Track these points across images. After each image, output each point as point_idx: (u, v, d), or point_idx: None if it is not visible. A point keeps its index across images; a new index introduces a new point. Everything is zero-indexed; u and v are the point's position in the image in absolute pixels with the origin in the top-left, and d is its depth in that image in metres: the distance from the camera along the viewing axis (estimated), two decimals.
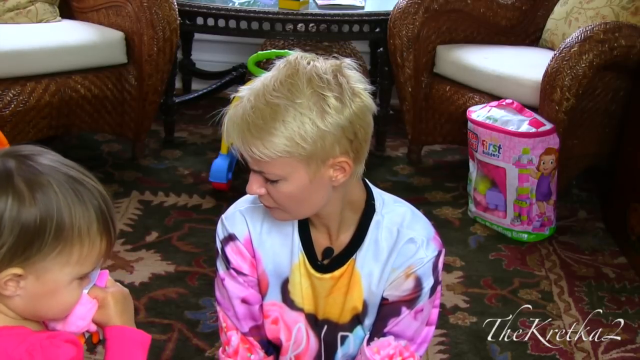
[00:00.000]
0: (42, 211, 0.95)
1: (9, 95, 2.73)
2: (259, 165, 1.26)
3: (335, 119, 1.24)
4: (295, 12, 3.10)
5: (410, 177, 3.17)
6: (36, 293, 0.99)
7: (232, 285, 1.46)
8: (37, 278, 0.98)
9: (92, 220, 1.00)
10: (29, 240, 0.95)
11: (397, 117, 3.32)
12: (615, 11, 2.92)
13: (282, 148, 1.23)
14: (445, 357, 2.09)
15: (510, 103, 2.68)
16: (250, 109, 1.23)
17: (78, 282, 1.03)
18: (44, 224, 0.95)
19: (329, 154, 1.25)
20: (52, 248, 0.97)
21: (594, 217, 2.89)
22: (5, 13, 3.00)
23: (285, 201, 1.30)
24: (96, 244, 1.00)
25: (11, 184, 0.95)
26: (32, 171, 0.97)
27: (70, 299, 1.03)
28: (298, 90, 1.23)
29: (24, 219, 0.94)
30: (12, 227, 0.94)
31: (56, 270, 0.98)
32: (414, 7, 3.02)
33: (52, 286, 1.00)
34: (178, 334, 2.11)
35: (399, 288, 1.39)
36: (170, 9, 2.91)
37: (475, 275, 2.48)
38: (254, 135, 1.23)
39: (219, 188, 2.90)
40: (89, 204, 1.00)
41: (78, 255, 0.99)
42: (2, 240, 0.94)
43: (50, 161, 1.00)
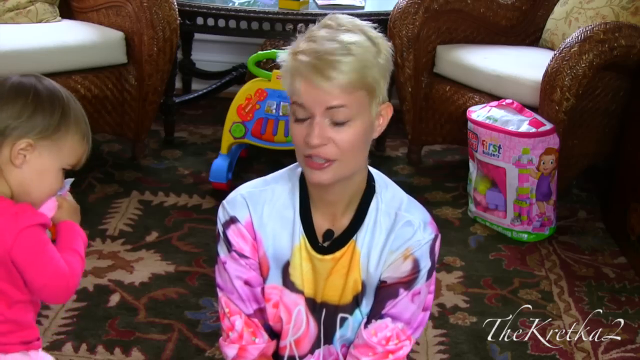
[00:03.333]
0: (50, 108, 1.31)
1: None
2: (336, 100, 1.29)
3: (386, 58, 1.35)
4: (295, 12, 3.10)
5: (410, 177, 3.17)
6: (34, 169, 1.31)
7: (234, 267, 1.47)
8: (39, 155, 1.30)
9: (81, 131, 1.36)
10: (39, 124, 1.29)
11: (397, 117, 3.30)
12: (615, 11, 2.92)
13: (356, 77, 1.29)
14: (445, 357, 2.09)
15: (510, 103, 2.68)
16: (323, 51, 1.29)
17: (61, 174, 1.35)
18: (50, 117, 1.30)
19: (383, 95, 1.35)
20: (54, 135, 1.31)
21: (594, 217, 2.89)
22: (5, 13, 3.00)
23: (348, 147, 1.33)
24: (80, 147, 1.36)
25: (33, 88, 1.32)
26: (50, 84, 1.36)
27: (53, 184, 1.34)
28: (353, 32, 1.33)
29: (38, 110, 1.30)
30: (30, 113, 1.29)
31: (53, 153, 1.32)
32: (414, 7, 3.02)
33: (47, 166, 1.32)
34: (178, 334, 2.12)
35: (397, 270, 1.42)
36: (170, 9, 2.91)
37: (475, 275, 2.48)
38: (332, 66, 1.28)
39: (219, 188, 2.91)
40: (82, 122, 1.37)
41: (69, 147, 1.34)
42: (20, 120, 1.29)
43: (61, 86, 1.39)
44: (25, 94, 1.31)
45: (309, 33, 1.36)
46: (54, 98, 1.33)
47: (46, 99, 1.33)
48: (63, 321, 2.16)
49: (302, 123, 1.33)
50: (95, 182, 2.97)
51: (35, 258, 1.29)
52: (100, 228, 2.65)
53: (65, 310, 2.21)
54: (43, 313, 2.18)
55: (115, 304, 2.24)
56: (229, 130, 2.87)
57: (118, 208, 2.78)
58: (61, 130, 1.32)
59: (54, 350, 2.04)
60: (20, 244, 1.27)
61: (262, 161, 3.18)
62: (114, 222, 2.68)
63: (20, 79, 1.35)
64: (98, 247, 2.53)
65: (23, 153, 1.29)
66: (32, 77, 1.36)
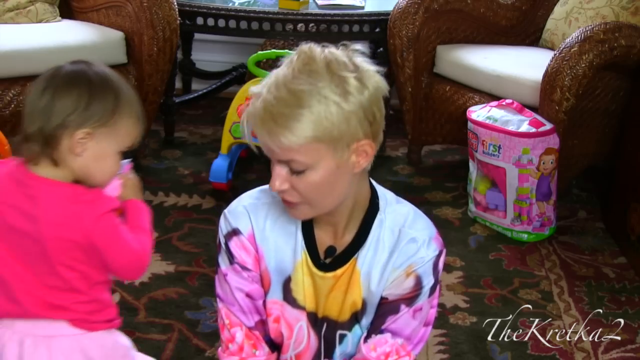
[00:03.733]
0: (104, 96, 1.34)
1: (9, 95, 2.73)
2: (287, 154, 1.25)
3: (358, 99, 1.26)
4: (295, 12, 3.10)
5: (410, 177, 3.17)
6: (94, 155, 1.34)
7: (236, 280, 1.45)
8: (98, 142, 1.34)
9: (135, 113, 1.39)
10: (94, 113, 1.32)
11: (397, 117, 3.32)
12: (615, 11, 2.92)
13: (310, 133, 1.23)
14: (445, 357, 2.09)
15: (510, 103, 2.68)
16: (273, 100, 1.24)
17: (119, 157, 1.39)
18: (105, 105, 1.33)
19: (354, 136, 1.27)
20: (109, 122, 1.34)
21: (594, 217, 2.89)
22: (5, 13, 3.00)
23: (311, 193, 1.29)
24: (135, 129, 1.40)
25: (85, 75, 1.34)
26: (100, 70, 1.37)
27: (112, 168, 1.39)
28: (318, 75, 1.24)
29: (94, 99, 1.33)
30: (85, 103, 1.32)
31: (110, 138, 1.35)
32: (414, 7, 3.02)
33: (105, 152, 1.36)
34: (178, 334, 2.11)
35: (399, 287, 1.40)
36: (170, 9, 2.91)
37: (475, 275, 2.48)
38: (280, 125, 1.23)
39: (219, 188, 2.91)
40: (135, 103, 1.40)
41: (125, 131, 1.37)
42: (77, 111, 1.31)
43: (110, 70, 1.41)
44: (79, 83, 1.34)
45: (275, 70, 1.29)
46: (106, 84, 1.36)
47: (99, 86, 1.35)
48: None
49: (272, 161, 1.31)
50: None
51: (112, 242, 1.36)
52: None
53: None
54: None
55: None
56: (229, 130, 2.87)
57: None
58: (116, 116, 1.35)
59: None
60: (99, 230, 1.34)
61: (262, 161, 3.18)
62: None
63: (72, 68, 1.37)
64: None
65: (82, 142, 1.33)
66: (82, 64, 1.38)
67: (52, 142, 1.32)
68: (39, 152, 1.34)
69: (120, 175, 1.46)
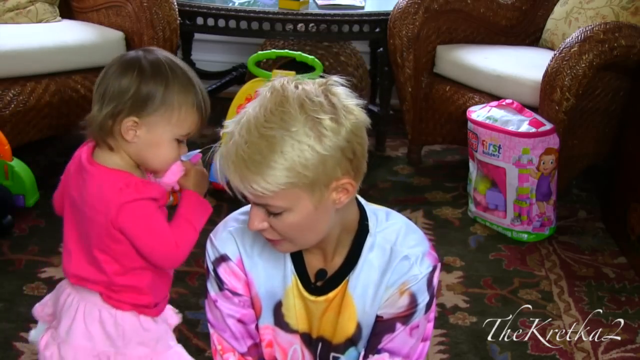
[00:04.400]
0: (153, 85, 1.36)
1: (9, 95, 2.73)
2: (261, 199, 1.21)
3: (333, 140, 1.19)
4: (295, 12, 3.10)
5: (410, 177, 3.17)
6: (147, 142, 1.38)
7: (227, 306, 1.42)
8: (148, 130, 1.38)
9: (189, 101, 1.39)
10: (142, 101, 1.36)
11: (397, 117, 3.32)
12: (615, 11, 2.92)
13: (284, 180, 1.18)
14: (445, 357, 2.09)
15: (510, 103, 2.68)
16: (245, 144, 1.18)
17: (176, 144, 1.41)
18: (154, 94, 1.36)
19: (332, 177, 1.21)
20: (159, 110, 1.37)
21: (594, 217, 2.89)
22: (5, 13, 3.00)
23: (290, 232, 1.25)
24: (189, 117, 1.39)
25: (137, 63, 1.37)
26: (154, 58, 1.39)
27: (168, 155, 1.41)
28: (291, 118, 1.18)
29: (142, 88, 1.36)
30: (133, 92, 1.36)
31: (161, 127, 1.38)
32: (414, 7, 3.02)
33: (158, 139, 1.39)
34: (178, 334, 2.11)
35: (393, 305, 1.36)
36: (170, 9, 2.91)
37: (475, 275, 2.48)
38: (252, 172, 1.18)
39: (219, 188, 2.89)
40: (190, 91, 1.39)
41: (177, 119, 1.38)
42: (126, 99, 1.35)
43: (169, 56, 1.42)
44: (130, 71, 1.37)
45: (249, 107, 1.22)
46: (156, 74, 1.37)
47: (149, 75, 1.37)
48: None
49: None
50: None
51: (139, 229, 1.39)
52: None
53: None
54: None
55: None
56: None
57: None
58: (166, 105, 1.37)
59: None
60: (124, 216, 1.37)
61: None
62: None
63: (128, 55, 1.41)
64: None
65: (132, 129, 1.37)
66: (140, 51, 1.41)
67: (105, 129, 1.38)
68: (95, 137, 1.41)
69: (185, 163, 1.47)
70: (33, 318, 1.56)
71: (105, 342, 1.48)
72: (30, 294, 2.28)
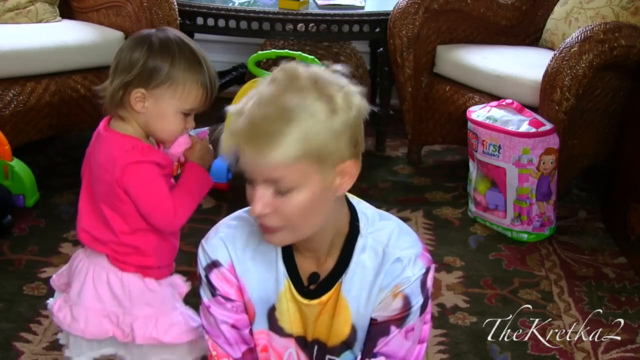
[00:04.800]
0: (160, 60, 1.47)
1: (9, 95, 2.73)
2: (275, 172, 1.20)
3: (344, 118, 1.21)
4: (295, 12, 3.10)
5: (410, 177, 3.17)
6: (154, 113, 1.49)
7: (219, 312, 1.42)
8: (155, 102, 1.48)
9: (194, 77, 1.49)
10: (149, 75, 1.47)
11: (397, 117, 3.32)
12: (615, 11, 2.92)
13: (300, 151, 1.18)
14: (445, 357, 2.09)
15: (510, 103, 2.68)
16: (260, 116, 1.18)
17: (181, 117, 1.51)
18: (160, 68, 1.47)
19: (340, 157, 1.22)
20: (165, 84, 1.47)
21: (594, 217, 2.89)
22: (5, 13, 3.00)
23: (294, 215, 1.24)
24: (193, 92, 1.49)
25: (148, 40, 1.49)
26: (164, 36, 1.51)
27: (174, 126, 1.52)
28: (306, 91, 1.19)
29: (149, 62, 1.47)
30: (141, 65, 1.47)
31: (166, 99, 1.48)
32: (414, 7, 3.02)
33: (164, 111, 1.49)
34: None
35: (387, 308, 1.35)
36: (170, 9, 2.91)
37: (475, 275, 2.48)
38: (268, 143, 1.17)
39: (219, 188, 2.90)
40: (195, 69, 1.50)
41: (181, 94, 1.48)
42: (134, 72, 1.47)
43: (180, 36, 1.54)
44: (140, 46, 1.49)
45: (259, 86, 1.24)
46: (164, 50, 1.48)
47: (157, 51, 1.48)
48: None
49: (250, 185, 1.24)
50: None
51: (140, 189, 1.50)
52: None
53: None
54: (43, 313, 2.18)
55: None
56: None
57: None
58: (171, 80, 1.47)
59: (54, 350, 2.04)
60: (127, 176, 1.48)
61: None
62: None
63: (141, 32, 1.54)
64: None
65: (140, 101, 1.48)
66: (153, 30, 1.54)
67: (116, 99, 1.49)
68: (108, 107, 1.52)
69: (192, 137, 1.58)
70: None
71: (113, 302, 1.57)
72: (30, 294, 2.28)
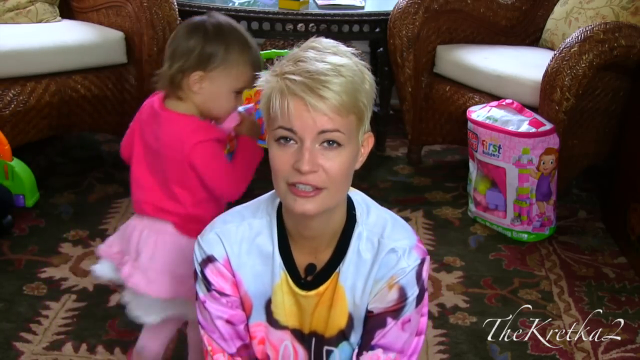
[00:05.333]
0: (216, 45, 1.62)
1: (9, 95, 2.73)
2: (327, 124, 1.23)
3: (371, 83, 1.29)
4: (295, 12, 3.10)
5: (410, 177, 3.17)
6: (209, 93, 1.64)
7: (214, 307, 1.42)
8: (211, 83, 1.63)
9: (245, 59, 1.64)
10: (207, 59, 1.62)
11: (397, 117, 3.32)
12: (615, 11, 2.93)
13: (351, 103, 1.24)
14: (445, 357, 2.09)
15: (510, 103, 2.68)
16: (314, 71, 1.23)
17: (234, 95, 1.66)
18: (216, 53, 1.62)
19: (367, 123, 1.30)
20: (220, 66, 1.62)
21: (594, 217, 2.89)
22: (5, 13, 3.00)
23: (337, 175, 1.27)
24: (245, 72, 1.64)
25: (202, 27, 1.64)
26: (216, 22, 1.66)
27: (227, 104, 1.66)
28: (346, 57, 1.27)
29: (206, 48, 1.62)
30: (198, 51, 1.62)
31: (221, 80, 1.63)
32: (414, 7, 3.02)
33: (219, 90, 1.64)
34: (178, 334, 2.11)
35: (383, 300, 1.36)
36: (170, 9, 2.91)
37: (475, 275, 2.48)
38: (326, 91, 1.22)
39: None
40: (246, 51, 1.64)
41: (234, 75, 1.63)
42: (192, 56, 1.62)
43: (229, 20, 1.68)
44: (196, 33, 1.64)
45: (294, 55, 1.28)
46: (219, 35, 1.63)
47: (212, 36, 1.63)
48: (63, 321, 2.16)
49: (288, 149, 1.25)
50: (95, 182, 2.97)
51: (207, 165, 1.65)
52: (100, 228, 2.65)
53: (65, 310, 2.21)
54: (43, 313, 2.18)
55: (115, 304, 2.24)
56: None
57: (118, 208, 2.78)
58: (227, 62, 1.62)
59: (54, 350, 2.05)
60: (195, 153, 1.63)
61: (262, 161, 3.18)
62: (114, 222, 2.68)
63: (194, 19, 1.68)
64: None
65: (198, 82, 1.63)
66: (205, 16, 1.69)
67: (175, 82, 1.64)
68: (166, 90, 1.67)
69: (241, 113, 1.74)
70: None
71: (181, 266, 1.68)
72: (30, 294, 2.28)
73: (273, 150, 1.27)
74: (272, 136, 1.27)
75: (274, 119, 1.25)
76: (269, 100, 1.26)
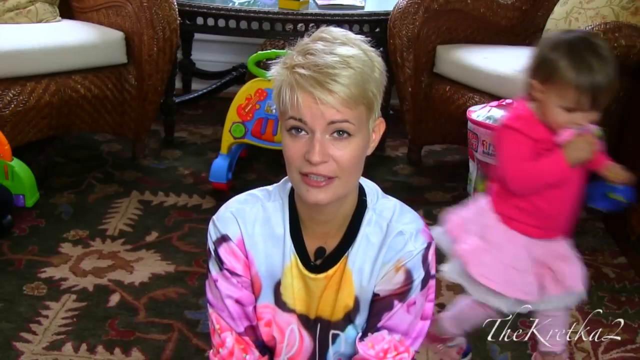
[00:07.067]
0: (557, 61, 1.64)
1: (9, 95, 2.73)
2: (336, 115, 1.25)
3: (381, 70, 1.31)
4: (295, 12, 3.10)
5: (410, 177, 3.17)
6: (542, 102, 1.69)
7: (225, 286, 1.44)
8: (543, 93, 1.68)
9: (573, 78, 1.62)
10: (540, 68, 1.68)
11: (397, 117, 3.32)
12: (615, 11, 2.92)
13: (360, 94, 1.26)
14: None
15: (510, 103, 2.68)
16: (323, 64, 1.25)
17: (560, 111, 1.66)
18: (554, 67, 1.65)
19: (378, 110, 1.31)
20: (549, 81, 1.66)
21: (594, 217, 2.89)
22: (5, 13, 3.00)
23: (348, 164, 1.29)
24: (569, 92, 1.64)
25: (566, 43, 1.68)
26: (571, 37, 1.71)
27: (553, 117, 1.68)
28: (355, 47, 1.28)
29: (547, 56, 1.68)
30: (541, 61, 1.69)
31: (550, 94, 1.66)
32: (414, 7, 3.02)
33: (546, 103, 1.68)
34: (178, 334, 2.12)
35: (389, 282, 1.39)
36: (170, 9, 2.91)
37: None
38: (334, 84, 1.24)
39: (219, 188, 2.91)
40: (579, 71, 1.63)
41: (558, 91, 1.65)
42: (533, 65, 1.72)
43: (589, 37, 1.74)
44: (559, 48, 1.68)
45: (304, 46, 1.31)
46: (556, 49, 1.67)
47: (551, 48, 1.69)
48: (63, 321, 2.16)
49: (299, 139, 1.28)
50: (95, 182, 2.97)
51: (500, 148, 1.76)
52: (100, 228, 2.65)
53: (65, 310, 2.21)
54: (43, 313, 2.18)
55: (115, 304, 2.24)
56: (229, 130, 2.87)
57: (118, 208, 2.78)
58: (553, 78, 1.65)
59: (54, 350, 2.05)
60: (497, 135, 1.79)
61: (262, 161, 3.18)
62: (114, 222, 2.68)
63: (565, 35, 1.75)
64: (98, 247, 2.53)
65: (533, 90, 1.70)
66: (573, 34, 1.76)
67: (525, 85, 1.73)
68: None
69: (578, 133, 1.70)
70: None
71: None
72: (30, 294, 2.28)
73: (286, 140, 1.30)
74: (284, 126, 1.30)
75: (285, 110, 1.29)
76: (279, 93, 1.29)
